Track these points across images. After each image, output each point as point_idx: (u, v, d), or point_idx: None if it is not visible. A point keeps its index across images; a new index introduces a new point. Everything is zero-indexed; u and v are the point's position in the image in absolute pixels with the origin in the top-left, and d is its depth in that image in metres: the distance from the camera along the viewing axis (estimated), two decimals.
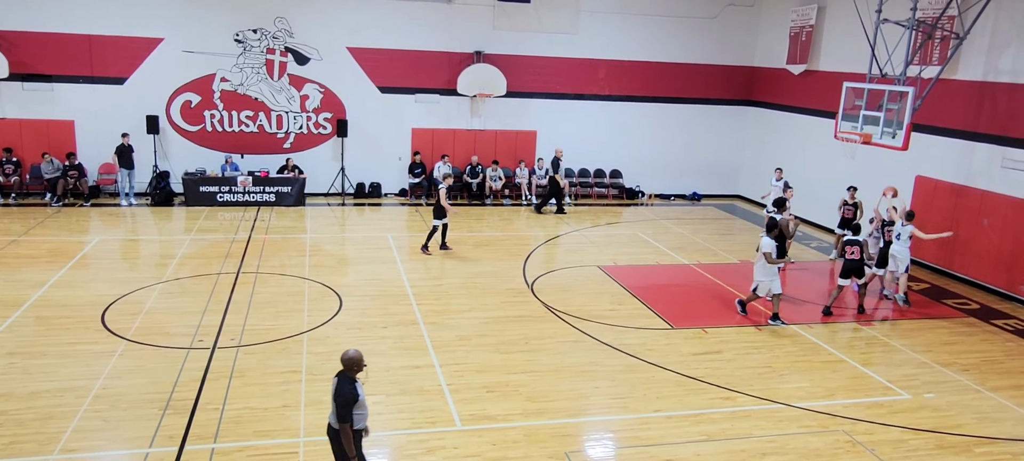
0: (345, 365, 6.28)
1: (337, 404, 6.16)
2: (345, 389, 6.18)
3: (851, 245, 12.74)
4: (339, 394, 6.17)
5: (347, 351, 6.32)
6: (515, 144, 21.75)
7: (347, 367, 6.27)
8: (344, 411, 6.14)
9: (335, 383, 6.29)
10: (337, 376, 6.34)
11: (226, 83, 19.67)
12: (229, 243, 15.70)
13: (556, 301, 12.90)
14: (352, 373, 6.27)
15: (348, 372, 6.27)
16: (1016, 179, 14.16)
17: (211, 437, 7.98)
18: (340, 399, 6.14)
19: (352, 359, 6.26)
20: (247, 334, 10.82)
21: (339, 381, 6.26)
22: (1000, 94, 14.54)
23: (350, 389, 6.17)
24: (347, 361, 6.26)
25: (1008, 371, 10.94)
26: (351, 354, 6.29)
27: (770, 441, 8.51)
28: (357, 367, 6.26)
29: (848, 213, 15.60)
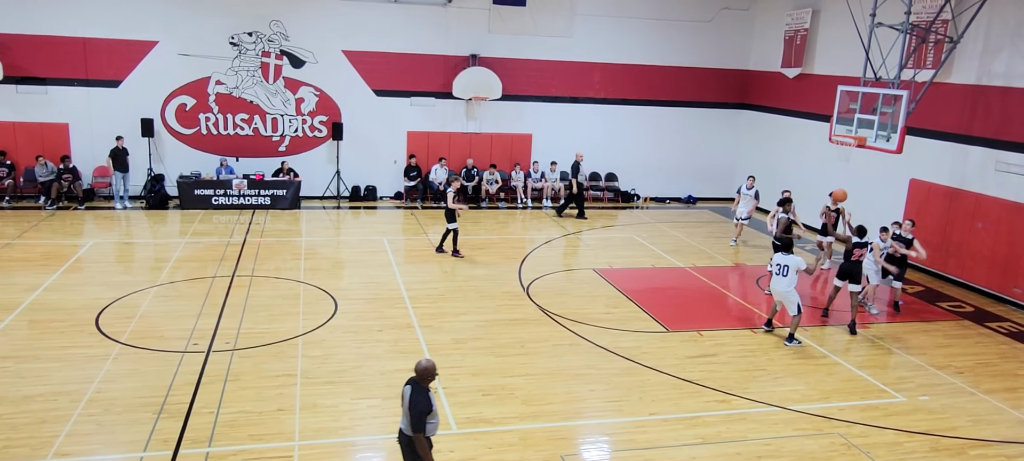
0: (419, 375, 6.22)
1: (412, 414, 6.09)
2: (419, 399, 6.12)
3: (859, 248, 12.49)
4: (414, 404, 6.10)
5: (421, 361, 6.25)
6: (511, 147, 21.76)
7: (421, 377, 6.21)
8: (419, 422, 6.10)
9: (408, 392, 6.21)
10: (409, 385, 6.26)
11: (221, 86, 19.64)
12: (224, 246, 15.66)
13: (552, 304, 12.90)
14: (425, 383, 6.21)
15: (421, 381, 6.21)
16: (1010, 182, 14.22)
17: (206, 441, 7.95)
18: (415, 410, 6.07)
19: (426, 369, 6.20)
20: (242, 337, 10.80)
21: (413, 391, 6.18)
22: (994, 97, 14.60)
23: (425, 399, 6.13)
24: (422, 371, 6.20)
25: (1002, 373, 10.97)
26: (426, 364, 6.22)
27: (766, 444, 8.51)
28: (430, 377, 6.21)
29: (830, 219, 15.18)
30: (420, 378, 6.21)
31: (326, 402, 8.96)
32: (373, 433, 8.35)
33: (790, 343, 11.48)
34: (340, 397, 9.11)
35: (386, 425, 8.51)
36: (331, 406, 8.87)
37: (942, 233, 15.62)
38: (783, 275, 11.45)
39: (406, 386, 6.29)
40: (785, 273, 11.43)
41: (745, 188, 17.64)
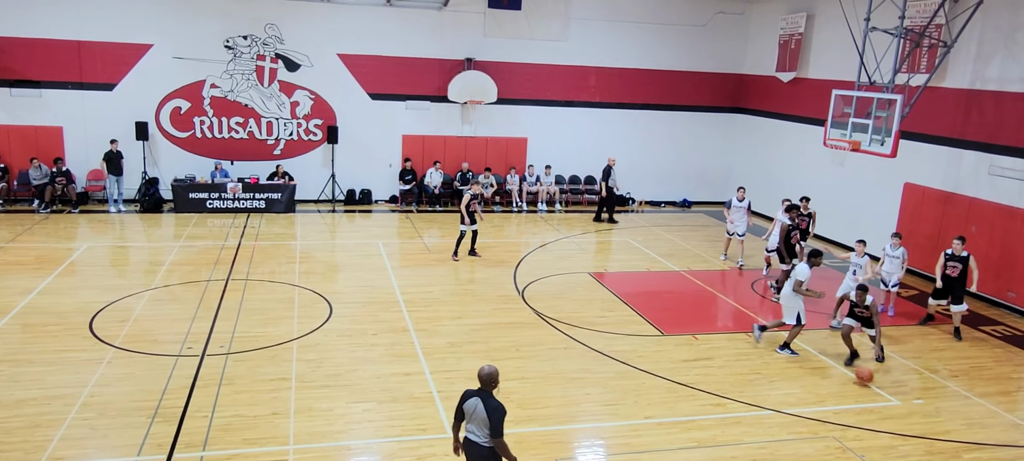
0: (485, 381, 6.23)
1: (494, 420, 6.10)
2: (496, 405, 6.15)
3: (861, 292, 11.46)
4: (493, 412, 6.11)
5: (484, 368, 6.26)
6: (506, 151, 21.77)
7: (487, 383, 6.23)
8: (500, 425, 6.12)
9: (478, 401, 6.21)
10: (477, 395, 6.25)
11: (216, 89, 19.60)
12: (218, 250, 15.62)
13: (547, 308, 12.89)
14: (492, 388, 6.23)
15: (487, 387, 6.23)
16: (1003, 186, 14.28)
17: (200, 445, 7.92)
18: (495, 417, 6.10)
19: (491, 374, 6.23)
20: (236, 341, 10.76)
21: (484, 399, 6.19)
22: (987, 102, 14.66)
23: (500, 404, 6.18)
24: (487, 377, 6.22)
25: (996, 377, 11.01)
26: (490, 370, 6.25)
27: (760, 447, 8.52)
28: (496, 381, 6.26)
29: (802, 224, 14.65)
30: (486, 384, 6.22)
31: (321, 406, 8.94)
32: (368, 437, 8.33)
33: (782, 351, 11.36)
34: (335, 401, 9.09)
35: (381, 429, 8.49)
36: (326, 410, 8.85)
37: (936, 237, 15.66)
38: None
39: (473, 398, 6.25)
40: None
41: (736, 200, 16.28)
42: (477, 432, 6.23)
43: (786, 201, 15.04)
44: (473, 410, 6.22)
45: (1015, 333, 13.00)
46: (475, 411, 6.21)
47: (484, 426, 6.16)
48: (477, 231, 15.90)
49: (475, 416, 6.21)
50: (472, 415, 6.23)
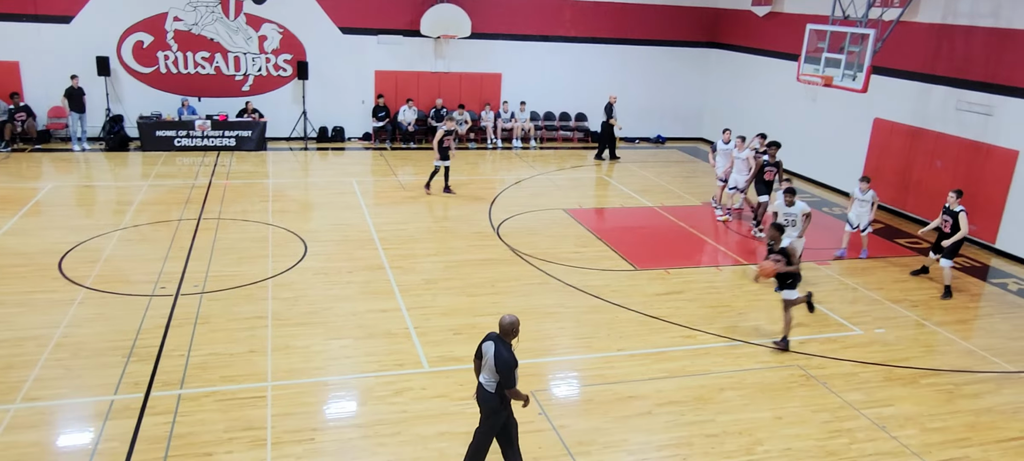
0: (503, 330, 6.13)
1: (502, 371, 6.03)
2: (506, 355, 6.05)
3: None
4: (503, 361, 6.02)
5: (505, 317, 6.15)
6: (480, 87, 21.55)
7: (505, 332, 6.13)
8: (510, 377, 6.05)
9: (492, 348, 6.11)
10: (493, 341, 6.15)
11: (179, 22, 19.04)
12: (189, 189, 15.43)
13: (522, 244, 13.00)
14: (510, 338, 6.14)
15: (506, 337, 6.13)
16: (969, 121, 14.50)
17: (177, 383, 7.98)
18: (504, 367, 6.02)
19: (512, 324, 6.13)
20: (210, 280, 10.74)
21: (497, 347, 6.09)
22: (957, 36, 14.77)
23: (511, 354, 6.09)
24: (508, 326, 6.12)
25: (953, 307, 11.39)
26: (511, 319, 6.15)
27: (728, 376, 8.79)
28: (515, 332, 6.15)
29: (769, 175, 14.03)
30: (504, 334, 6.13)
31: (298, 343, 9.01)
32: (345, 372, 8.44)
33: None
34: (312, 338, 9.17)
35: (358, 364, 8.61)
36: (303, 347, 8.93)
37: (903, 172, 15.95)
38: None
39: (487, 342, 6.19)
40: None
41: (721, 142, 15.45)
42: (487, 378, 6.21)
43: (760, 139, 15.05)
44: (486, 355, 6.17)
45: (973, 265, 13.40)
46: (486, 357, 6.15)
47: (492, 374, 6.13)
48: (449, 168, 15.85)
49: (486, 362, 6.16)
50: (485, 360, 6.19)
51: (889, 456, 7.41)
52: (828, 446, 7.52)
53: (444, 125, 15.61)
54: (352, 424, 7.50)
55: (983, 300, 11.89)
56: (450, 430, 7.40)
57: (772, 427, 7.80)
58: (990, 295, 12.08)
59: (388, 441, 7.21)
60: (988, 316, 11.21)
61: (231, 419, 7.37)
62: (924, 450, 7.54)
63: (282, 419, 7.43)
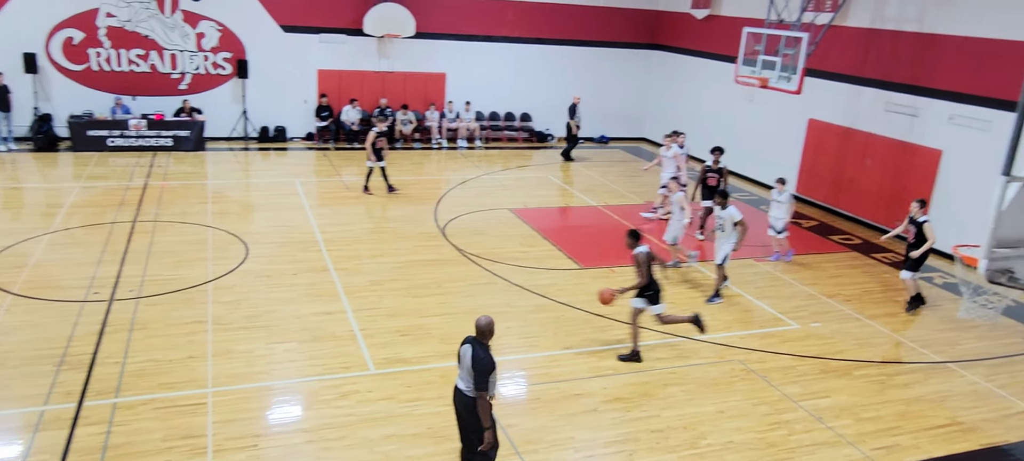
0: (481, 332, 6.10)
1: (477, 373, 5.97)
2: (483, 356, 6.00)
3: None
4: (478, 362, 5.98)
5: (481, 318, 6.14)
6: (425, 86, 21.45)
7: (482, 333, 6.10)
8: (483, 380, 5.98)
9: (470, 350, 6.07)
10: (470, 343, 6.12)
11: (112, 18, 18.41)
12: (123, 190, 14.94)
13: (468, 244, 13.00)
14: (487, 340, 6.11)
15: (483, 339, 6.10)
16: (897, 122, 15.11)
17: (112, 392, 7.73)
18: (479, 368, 5.96)
19: (489, 325, 6.12)
20: (147, 285, 10.44)
21: (474, 348, 6.05)
22: (885, 41, 15.37)
23: (488, 356, 6.03)
24: (485, 327, 6.10)
25: (884, 300, 11.86)
26: (488, 320, 6.13)
27: (672, 372, 8.97)
28: (491, 333, 6.14)
29: (712, 180, 14.11)
30: (482, 335, 6.12)
31: (240, 347, 8.83)
32: (290, 377, 8.32)
33: (714, 301, 11.15)
34: (254, 342, 9.00)
35: (303, 368, 8.49)
36: (245, 351, 8.76)
37: (836, 170, 16.52)
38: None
39: (465, 345, 6.16)
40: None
41: (677, 146, 15.15)
42: (464, 379, 6.17)
43: (675, 136, 15.33)
44: (462, 357, 6.17)
45: (902, 260, 13.93)
46: (463, 358, 6.15)
47: (469, 376, 6.10)
48: (384, 167, 15.75)
49: (463, 363, 6.15)
50: (461, 362, 6.18)
51: (825, 446, 7.67)
52: (768, 438, 7.75)
53: (376, 128, 15.55)
54: (297, 429, 7.39)
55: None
56: (397, 433, 7.37)
57: (715, 421, 7.99)
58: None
59: (334, 445, 7.13)
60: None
61: (170, 427, 7.18)
62: (858, 439, 7.83)
63: (224, 426, 7.28)
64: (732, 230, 11.02)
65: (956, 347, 10.27)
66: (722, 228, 11.20)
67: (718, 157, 14.19)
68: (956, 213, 13.77)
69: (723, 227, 11.17)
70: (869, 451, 7.63)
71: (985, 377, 9.44)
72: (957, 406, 8.69)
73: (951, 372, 9.55)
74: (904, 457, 7.60)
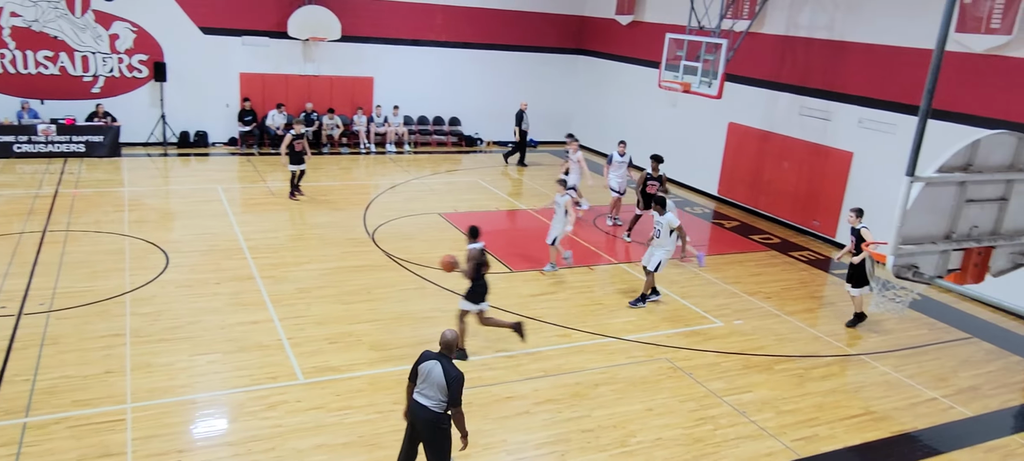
0: (448, 346, 6.01)
1: (453, 390, 5.90)
2: (456, 373, 5.95)
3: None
4: (453, 380, 5.91)
5: (447, 332, 6.06)
6: (352, 91, 21.17)
7: (450, 347, 6.02)
8: (460, 395, 5.95)
9: (439, 367, 5.94)
10: (436, 358, 5.98)
11: (17, 18, 17.49)
12: (32, 199, 14.21)
13: (398, 249, 12.90)
14: (453, 353, 6.04)
15: (449, 353, 6.01)
16: (811, 125, 15.78)
17: (22, 411, 7.35)
18: (455, 385, 5.92)
19: (456, 338, 6.10)
20: (59, 297, 9.96)
21: (444, 364, 5.95)
22: (799, 47, 16.03)
23: (459, 371, 6.00)
24: (453, 341, 6.04)
25: (802, 297, 12.36)
26: (454, 334, 6.10)
27: (602, 372, 9.12)
28: (456, 347, 6.12)
29: (651, 188, 13.95)
30: (448, 349, 6.05)
31: (160, 360, 8.53)
32: (214, 389, 8.08)
33: (638, 305, 11.26)
34: (176, 354, 8.70)
35: (228, 379, 8.26)
36: (166, 364, 8.46)
37: (755, 172, 17.12)
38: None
39: (429, 362, 6.02)
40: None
41: (617, 155, 15.31)
42: (430, 395, 6.04)
43: (570, 139, 16.12)
44: (428, 373, 6.01)
45: (818, 257, 14.58)
46: (430, 374, 6.00)
47: (439, 392, 5.98)
48: (304, 171, 15.61)
49: (430, 379, 6.00)
50: (426, 378, 6.02)
51: (749, 439, 7.95)
52: (695, 433, 7.97)
53: (292, 132, 15.33)
54: (222, 442, 7.19)
55: (826, 289, 12.96)
56: (328, 442, 7.26)
57: (644, 419, 8.17)
58: (833, 284, 13.18)
59: (262, 458, 6.97)
60: (831, 304, 12.24)
61: (86, 446, 6.88)
62: (779, 431, 8.14)
63: (144, 442, 7.01)
64: (668, 236, 10.96)
65: (868, 340, 10.79)
66: (658, 234, 11.05)
67: (656, 165, 14.16)
68: (866, 212, 14.43)
69: (659, 233, 11.03)
70: (789, 442, 7.95)
71: (895, 367, 9.95)
72: (870, 396, 9.14)
73: (864, 364, 10.03)
74: (821, 447, 7.95)
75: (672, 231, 10.96)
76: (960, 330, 11.45)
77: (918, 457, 7.97)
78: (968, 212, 6.82)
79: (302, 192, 15.68)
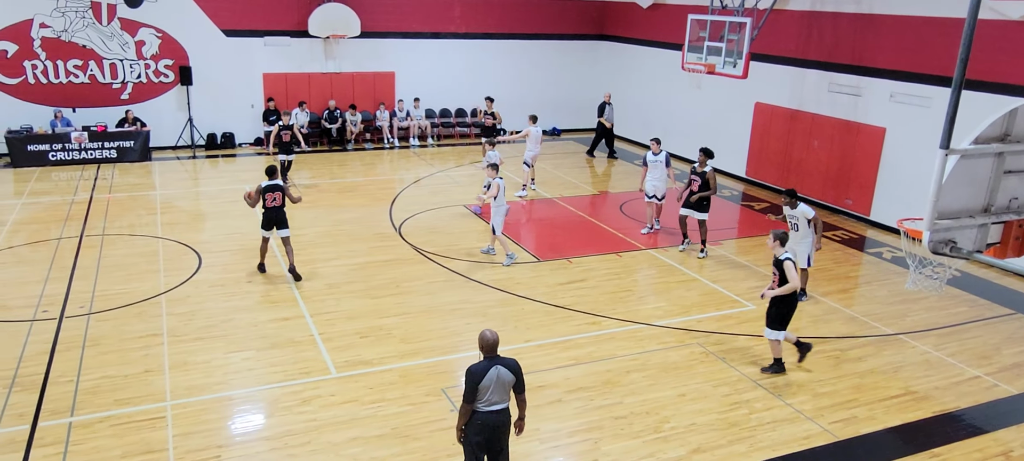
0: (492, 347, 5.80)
1: (521, 375, 5.86)
2: (512, 360, 5.88)
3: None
4: (516, 366, 5.84)
5: (487, 334, 5.82)
6: (373, 86, 21.25)
7: (493, 348, 5.82)
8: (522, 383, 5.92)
9: (500, 367, 5.76)
10: (491, 363, 5.77)
11: (47, 29, 17.82)
12: (68, 205, 14.50)
13: (424, 242, 12.94)
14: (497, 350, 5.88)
15: (494, 352, 5.83)
16: (841, 102, 15.50)
17: (67, 411, 7.51)
18: (521, 369, 5.87)
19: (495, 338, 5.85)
20: (98, 300, 10.15)
21: (500, 361, 5.79)
22: (826, 22, 15.74)
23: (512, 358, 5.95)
24: (493, 341, 5.82)
25: (836, 277, 12.17)
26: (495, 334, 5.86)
27: (633, 359, 9.07)
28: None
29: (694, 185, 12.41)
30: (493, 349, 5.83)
31: (197, 359, 8.66)
32: (250, 385, 8.18)
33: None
34: (212, 352, 8.83)
35: (262, 377, 8.36)
36: (203, 362, 8.59)
37: (783, 152, 16.88)
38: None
39: (490, 371, 5.73)
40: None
41: (651, 155, 13.55)
42: (499, 400, 5.85)
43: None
44: (494, 380, 5.75)
45: (852, 237, 14.35)
46: (497, 380, 5.76)
47: (506, 391, 5.85)
48: (292, 162, 16.32)
49: (497, 385, 5.77)
50: (492, 386, 5.76)
51: (785, 422, 7.85)
52: (729, 417, 7.90)
53: (281, 120, 15.96)
54: (259, 437, 7.28)
55: (863, 269, 12.76)
56: (362, 435, 7.32)
57: (677, 404, 8.11)
58: (868, 264, 12.97)
59: (298, 451, 7.04)
60: (867, 284, 12.04)
61: (128, 444, 7.01)
62: (816, 414, 8.03)
63: (184, 439, 7.13)
64: (807, 228, 10.44)
65: (906, 319, 10.60)
66: (796, 227, 10.46)
67: (704, 159, 12.35)
68: (900, 188, 14.21)
69: (796, 226, 10.46)
70: (827, 424, 7.84)
71: (935, 346, 9.76)
72: (910, 376, 8.98)
73: (903, 343, 9.85)
74: (861, 429, 7.83)
75: (809, 221, 10.49)
76: (1003, 306, 11.19)
77: (962, 436, 7.80)
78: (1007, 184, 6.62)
79: (293, 182, 16.12)
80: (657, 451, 7.27)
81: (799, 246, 10.46)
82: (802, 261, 10.48)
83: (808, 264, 10.69)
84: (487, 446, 5.95)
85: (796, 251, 10.01)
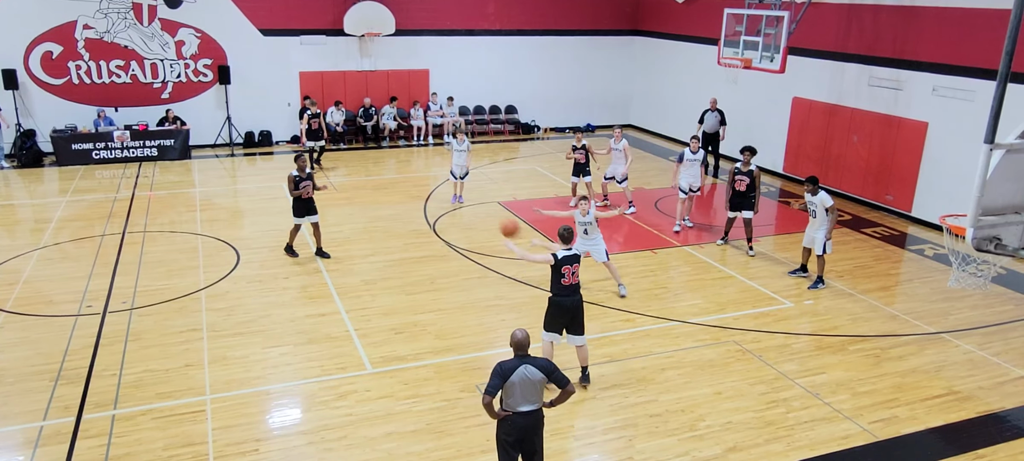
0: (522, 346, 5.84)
1: (556, 371, 5.87)
2: (543, 358, 5.95)
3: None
4: (549, 365, 5.87)
5: (518, 334, 5.85)
6: (408, 84, 21.39)
7: (523, 346, 5.85)
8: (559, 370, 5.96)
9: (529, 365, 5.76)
10: (519, 362, 5.77)
11: (90, 31, 18.27)
12: (111, 202, 14.85)
13: (459, 239, 13.00)
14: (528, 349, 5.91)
15: (526, 350, 5.87)
16: (881, 96, 15.19)
17: (110, 404, 7.70)
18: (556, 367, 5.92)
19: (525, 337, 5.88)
20: (140, 296, 10.39)
21: (529, 360, 5.80)
22: (866, 15, 15.43)
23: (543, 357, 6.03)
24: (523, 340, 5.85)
25: (876, 275, 11.94)
26: (526, 333, 5.89)
27: (668, 357, 9.01)
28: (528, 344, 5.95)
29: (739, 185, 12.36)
30: (522, 347, 5.85)
31: (236, 354, 8.82)
32: (287, 380, 8.31)
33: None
34: (250, 347, 8.98)
35: (299, 371, 8.48)
36: (241, 357, 8.74)
37: (822, 148, 16.60)
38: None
39: (517, 370, 5.73)
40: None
41: (689, 153, 13.48)
42: (531, 399, 5.83)
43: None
44: (522, 379, 5.73)
45: (892, 233, 14.06)
46: (525, 379, 5.74)
47: (536, 391, 5.83)
48: (324, 147, 17.90)
49: (526, 385, 5.76)
50: (521, 385, 5.75)
51: (824, 421, 7.73)
52: (766, 416, 7.80)
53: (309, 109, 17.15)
54: (297, 431, 7.39)
55: (904, 266, 12.50)
56: (398, 430, 7.38)
57: (712, 402, 8.03)
58: (909, 261, 12.70)
59: (335, 445, 7.13)
60: (908, 281, 11.79)
61: (170, 436, 7.16)
62: (856, 413, 7.89)
63: (224, 432, 7.27)
64: (825, 215, 10.80)
65: (949, 317, 10.36)
66: (814, 214, 10.93)
67: (748, 158, 12.29)
68: (943, 183, 13.88)
69: (815, 213, 10.91)
70: (867, 424, 7.70)
71: (979, 346, 9.53)
72: (952, 376, 8.77)
73: (945, 342, 9.63)
74: (902, 429, 7.67)
75: (826, 209, 10.76)
76: None
77: (1008, 438, 7.60)
78: None
79: (322, 166, 17.11)
80: (692, 449, 7.22)
81: (817, 233, 10.98)
82: (818, 248, 10.99)
83: (823, 251, 10.96)
84: (520, 446, 5.96)
85: (814, 238, 11.04)
